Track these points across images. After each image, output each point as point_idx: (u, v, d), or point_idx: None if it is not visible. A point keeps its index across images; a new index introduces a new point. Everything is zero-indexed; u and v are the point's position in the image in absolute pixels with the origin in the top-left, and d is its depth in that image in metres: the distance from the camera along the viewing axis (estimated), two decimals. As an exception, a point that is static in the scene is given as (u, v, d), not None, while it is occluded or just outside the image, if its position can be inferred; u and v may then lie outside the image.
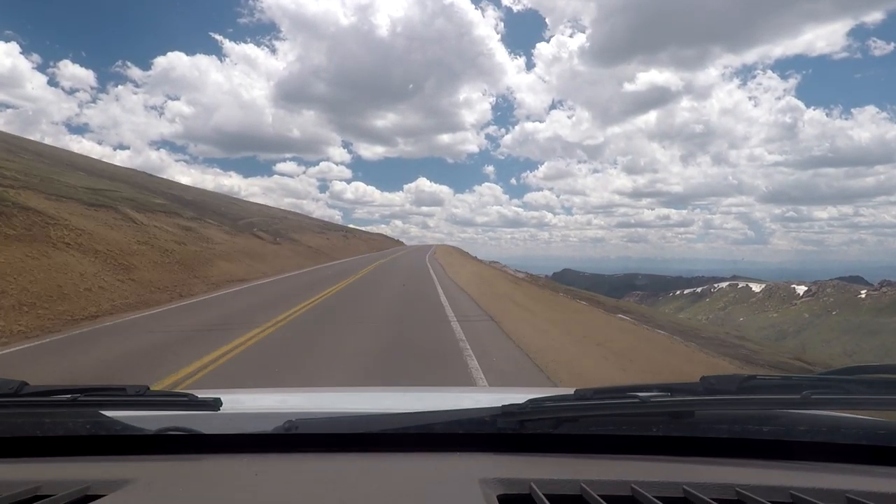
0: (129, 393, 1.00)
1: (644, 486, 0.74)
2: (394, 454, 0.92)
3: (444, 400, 1.55)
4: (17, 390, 0.97)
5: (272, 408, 1.39)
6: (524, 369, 5.50)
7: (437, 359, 5.92)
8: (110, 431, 0.93)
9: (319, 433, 0.95)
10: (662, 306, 75.17)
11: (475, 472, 0.81)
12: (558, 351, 6.48)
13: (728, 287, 72.61)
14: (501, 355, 6.09)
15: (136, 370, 5.36)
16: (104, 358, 5.93)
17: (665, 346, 7.33)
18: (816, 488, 0.74)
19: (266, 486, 0.79)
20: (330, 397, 1.65)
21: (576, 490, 0.75)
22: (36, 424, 0.93)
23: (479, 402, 1.06)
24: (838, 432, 0.90)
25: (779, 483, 0.77)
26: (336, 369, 5.42)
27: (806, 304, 57.48)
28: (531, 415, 0.91)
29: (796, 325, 52.85)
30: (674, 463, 0.87)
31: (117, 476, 0.80)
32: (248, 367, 5.43)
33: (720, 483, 0.76)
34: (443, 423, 0.94)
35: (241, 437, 0.96)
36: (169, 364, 5.45)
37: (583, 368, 5.65)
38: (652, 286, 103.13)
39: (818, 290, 58.21)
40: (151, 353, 6.14)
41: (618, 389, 0.96)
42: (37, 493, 0.74)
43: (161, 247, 16.24)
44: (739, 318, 58.59)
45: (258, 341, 6.75)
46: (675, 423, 0.90)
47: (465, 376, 5.08)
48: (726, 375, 0.92)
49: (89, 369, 5.40)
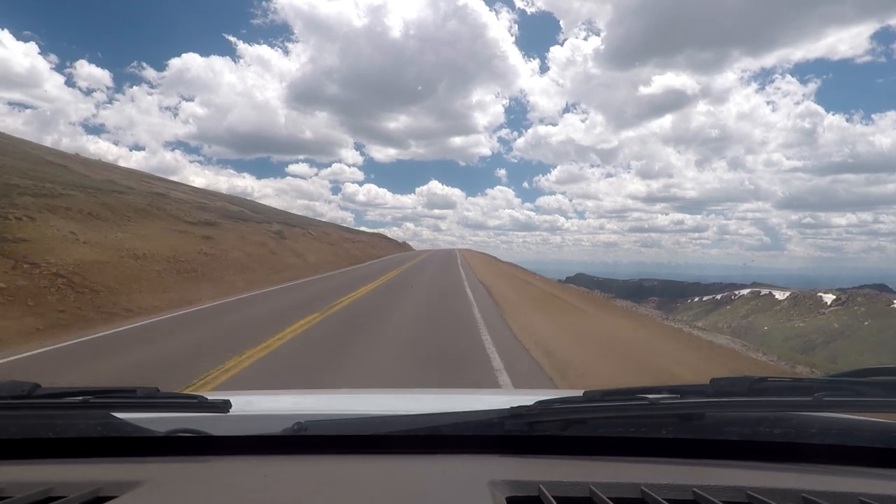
0: (140, 395, 1.01)
1: (654, 489, 0.74)
2: (402, 456, 0.92)
3: (453, 402, 1.55)
4: (30, 392, 0.97)
5: (281, 409, 1.38)
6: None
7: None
8: (121, 433, 0.94)
9: (328, 435, 0.96)
10: (681, 313, 72.89)
11: (484, 474, 0.81)
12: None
13: (749, 294, 69.88)
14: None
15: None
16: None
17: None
18: (828, 491, 0.74)
19: (275, 487, 0.80)
20: (338, 399, 1.68)
21: (585, 492, 0.75)
22: (48, 426, 0.94)
23: (488, 403, 1.07)
24: (851, 435, 0.90)
25: (790, 486, 0.76)
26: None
27: (835, 313, 54.76)
28: (540, 416, 0.91)
29: (825, 336, 50.26)
30: (684, 465, 0.87)
31: (128, 477, 0.81)
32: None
33: (730, 486, 0.76)
34: (451, 425, 0.93)
35: (251, 439, 0.97)
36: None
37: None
38: (667, 291, 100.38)
39: (848, 299, 55.43)
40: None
41: (627, 391, 0.95)
42: (49, 495, 0.75)
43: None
44: (764, 326, 56.11)
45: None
46: (684, 425, 0.89)
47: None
48: (736, 377, 0.92)
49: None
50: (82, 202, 16.45)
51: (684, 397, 0.90)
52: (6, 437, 0.94)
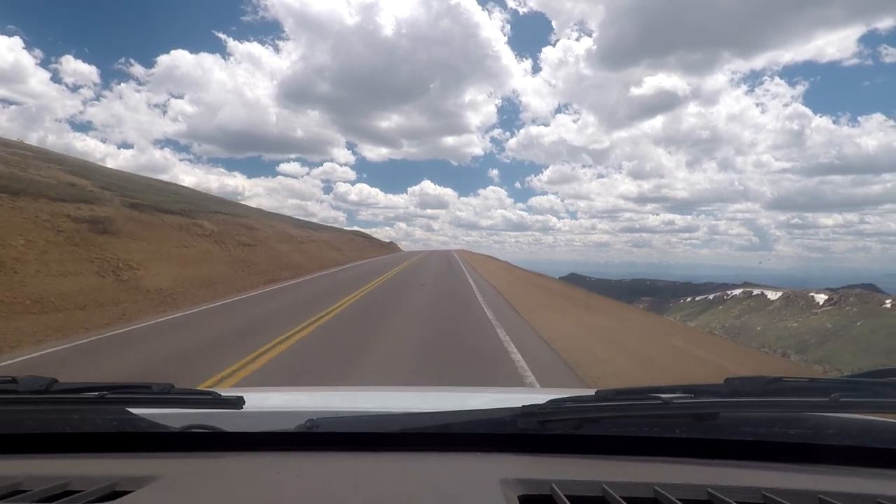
0: (155, 391, 1.01)
1: (667, 489, 0.74)
2: (414, 454, 0.92)
3: (465, 400, 1.54)
4: (48, 387, 0.98)
5: (294, 406, 1.39)
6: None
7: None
8: (136, 428, 0.95)
9: (340, 432, 0.96)
10: (673, 314, 72.86)
11: (496, 472, 0.81)
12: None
13: (742, 294, 69.98)
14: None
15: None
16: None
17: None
18: (845, 492, 0.73)
19: (288, 484, 0.80)
20: (351, 396, 1.66)
21: (598, 491, 0.75)
22: (65, 421, 0.95)
23: (500, 402, 1.06)
24: (868, 436, 0.89)
25: (806, 487, 0.76)
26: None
27: (827, 313, 54.88)
28: (552, 415, 0.91)
29: (818, 336, 50.27)
30: (697, 465, 0.86)
31: (143, 473, 0.82)
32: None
33: (745, 486, 0.76)
34: (463, 423, 0.94)
35: (264, 436, 0.97)
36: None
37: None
38: (660, 291, 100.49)
39: (840, 299, 55.62)
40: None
41: (640, 390, 0.95)
42: (66, 489, 0.77)
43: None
44: (757, 327, 56.09)
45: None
46: (698, 425, 0.89)
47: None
48: (751, 377, 0.91)
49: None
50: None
51: (698, 397, 0.91)
52: (24, 432, 0.95)
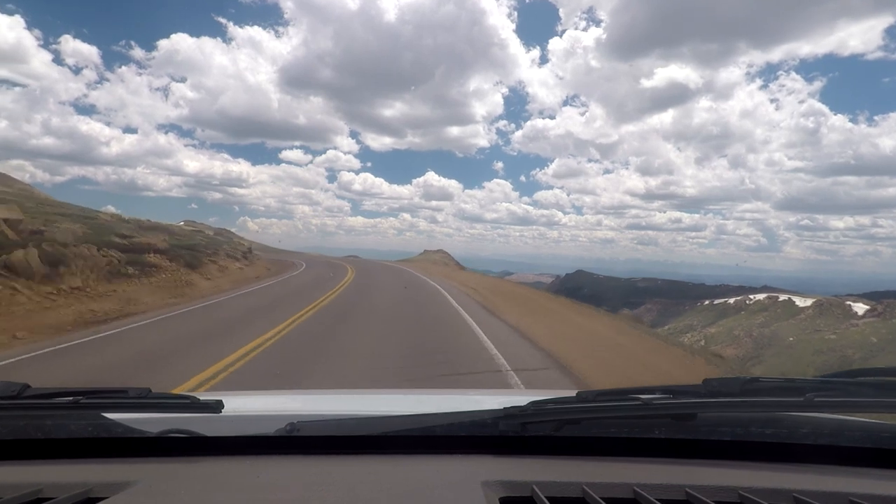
0: (131, 395, 1.00)
1: (646, 489, 0.75)
2: (396, 456, 0.92)
3: (446, 402, 1.58)
4: (20, 393, 0.96)
5: (274, 410, 1.39)
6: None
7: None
8: (112, 434, 0.93)
9: (321, 435, 0.96)
10: (688, 318, 65.90)
11: (477, 474, 0.82)
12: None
13: (766, 300, 62.89)
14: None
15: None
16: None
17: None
18: (819, 491, 0.75)
19: (268, 488, 0.80)
20: (331, 399, 1.69)
21: (578, 492, 0.76)
22: (38, 427, 0.93)
23: (481, 404, 1.10)
24: (842, 435, 0.91)
25: (781, 486, 0.77)
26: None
27: (870, 324, 47.98)
28: (533, 417, 0.92)
29: (863, 350, 43.32)
30: (676, 465, 0.88)
31: (119, 478, 0.81)
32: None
33: (722, 486, 0.77)
34: (444, 426, 0.94)
35: (243, 440, 0.96)
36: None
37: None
38: (670, 293, 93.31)
39: (885, 310, 48.67)
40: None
41: (620, 392, 0.96)
42: (39, 496, 0.75)
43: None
44: (789, 337, 49.13)
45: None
46: (677, 426, 0.91)
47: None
48: (729, 378, 0.93)
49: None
50: None
51: (677, 398, 0.92)
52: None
